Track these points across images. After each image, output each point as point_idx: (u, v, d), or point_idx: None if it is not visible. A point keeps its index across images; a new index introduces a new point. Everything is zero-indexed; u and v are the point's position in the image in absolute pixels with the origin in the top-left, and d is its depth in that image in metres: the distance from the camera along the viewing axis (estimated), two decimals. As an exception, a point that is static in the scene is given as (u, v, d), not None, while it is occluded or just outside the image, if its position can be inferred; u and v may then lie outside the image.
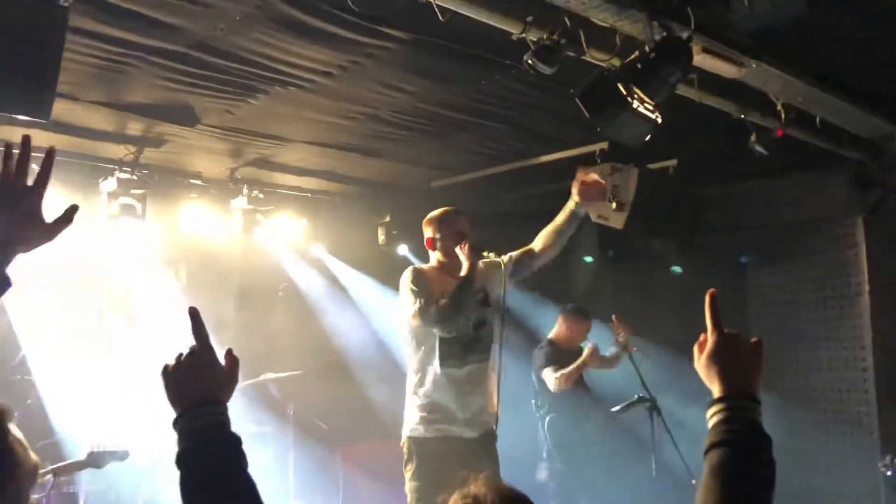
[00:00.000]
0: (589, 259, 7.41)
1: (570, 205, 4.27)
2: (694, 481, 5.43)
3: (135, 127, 5.27)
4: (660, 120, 3.25)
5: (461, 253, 3.89)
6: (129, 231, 5.95)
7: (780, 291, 6.75)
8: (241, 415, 6.02)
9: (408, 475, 3.90)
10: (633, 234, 6.27)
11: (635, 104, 3.13)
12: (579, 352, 5.90)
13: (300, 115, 4.99)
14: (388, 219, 7.47)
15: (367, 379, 7.24)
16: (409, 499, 3.88)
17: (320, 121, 5.09)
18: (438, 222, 4.12)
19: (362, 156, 5.98)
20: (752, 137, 4.48)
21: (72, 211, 1.64)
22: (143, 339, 6.24)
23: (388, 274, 7.84)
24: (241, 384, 5.15)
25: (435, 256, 4.11)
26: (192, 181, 6.54)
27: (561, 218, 4.29)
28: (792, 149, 4.86)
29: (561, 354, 5.90)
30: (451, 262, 3.98)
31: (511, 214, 7.28)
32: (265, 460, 6.09)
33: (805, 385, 6.46)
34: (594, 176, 4.25)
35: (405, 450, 3.94)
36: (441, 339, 3.85)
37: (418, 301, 3.79)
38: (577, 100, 3.21)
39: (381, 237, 7.52)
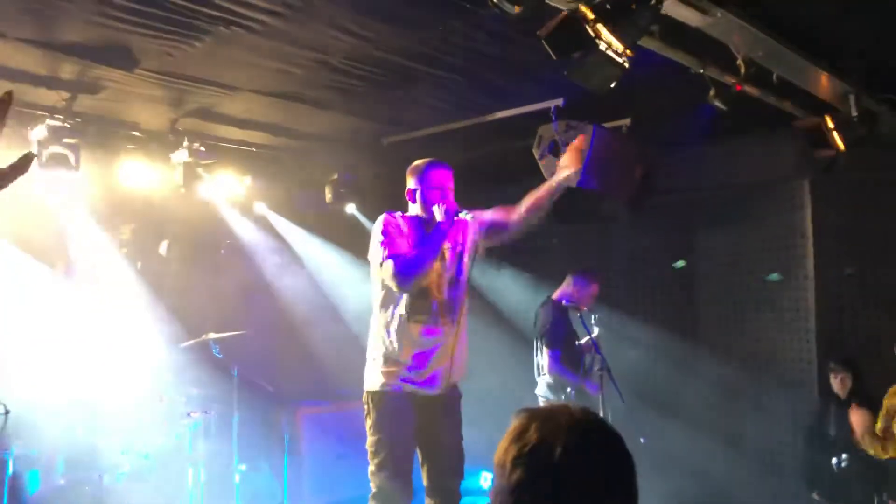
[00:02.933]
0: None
1: (554, 182, 4.15)
2: (643, 440, 5.48)
3: (68, 70, 4.93)
4: (627, 65, 3.15)
5: (438, 211, 3.76)
6: (62, 182, 5.63)
7: (728, 254, 6.81)
8: (183, 376, 5.89)
9: (368, 430, 3.80)
10: (582, 194, 6.25)
11: (602, 46, 3.02)
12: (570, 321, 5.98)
13: (246, 61, 4.74)
14: (335, 176, 7.29)
15: (314, 338, 7.10)
16: (369, 453, 3.78)
17: (267, 67, 4.85)
18: (420, 173, 3.97)
19: (311, 108, 5.75)
20: (711, 92, 4.43)
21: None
22: (80, 295, 5.96)
23: (334, 232, 7.71)
24: (183, 344, 5.03)
25: (414, 208, 3.96)
26: (130, 132, 6.22)
27: (543, 193, 4.16)
28: (743, 111, 4.85)
29: (562, 317, 5.92)
30: (429, 217, 3.85)
31: (465, 174, 7.14)
32: (208, 424, 5.91)
33: (750, 347, 6.56)
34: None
35: (364, 404, 3.84)
36: (412, 295, 3.72)
37: (384, 250, 3.66)
38: (543, 41, 3.08)
39: (329, 195, 7.33)
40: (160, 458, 5.64)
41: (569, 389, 5.84)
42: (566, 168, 4.16)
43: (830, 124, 4.96)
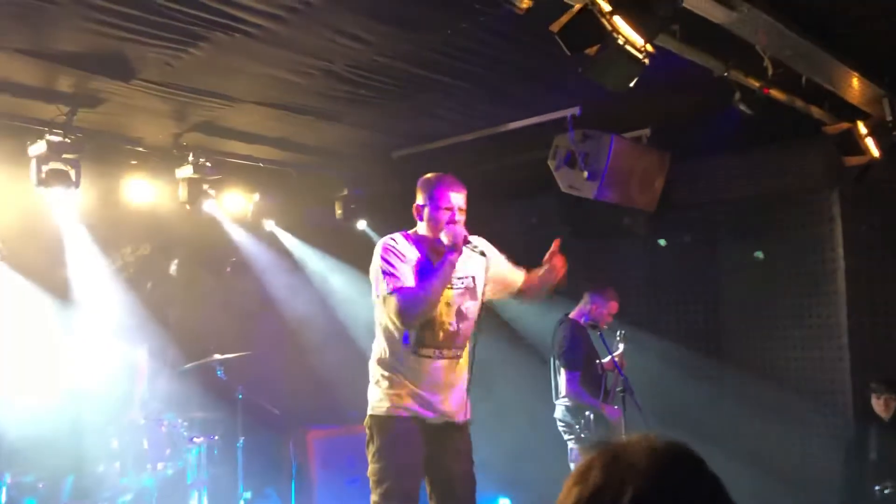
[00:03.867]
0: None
1: (542, 272, 3.86)
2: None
3: (65, 82, 4.78)
4: (647, 62, 2.92)
5: (445, 237, 3.50)
6: (63, 200, 5.46)
7: (754, 268, 6.51)
8: (186, 400, 5.66)
9: (370, 457, 3.54)
10: (601, 208, 6.01)
11: (620, 41, 2.79)
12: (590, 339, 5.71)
13: (247, 69, 4.56)
14: (345, 192, 7.09)
15: (324, 361, 6.86)
16: (371, 482, 3.50)
17: (270, 76, 4.66)
18: (429, 189, 3.68)
19: (318, 120, 5.56)
20: (737, 96, 4.19)
21: None
22: (80, 319, 5.77)
23: (345, 250, 7.49)
24: (186, 366, 4.78)
25: (420, 227, 3.71)
26: (132, 148, 6.06)
27: (538, 283, 3.90)
28: (767, 118, 4.61)
29: (580, 337, 5.66)
30: (435, 238, 3.61)
31: (477, 188, 6.93)
32: (212, 449, 5.68)
33: (779, 363, 6.25)
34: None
35: (367, 429, 3.58)
36: (421, 326, 3.48)
37: (386, 283, 3.41)
38: (556, 36, 2.85)
39: (339, 211, 7.14)
40: (162, 485, 5.41)
41: (587, 413, 5.56)
42: (548, 270, 3.80)
43: (864, 130, 4.68)
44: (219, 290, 6.78)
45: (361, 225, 7.29)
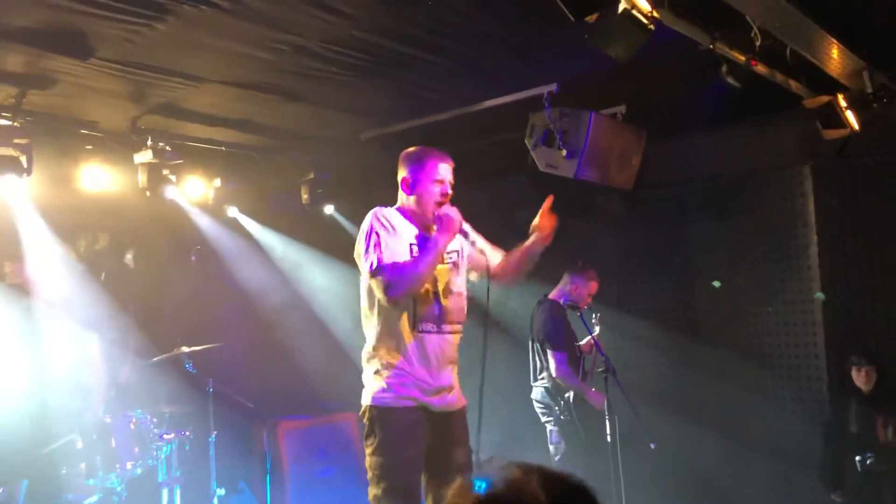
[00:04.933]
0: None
1: (527, 245, 3.79)
2: (653, 445, 5.13)
3: (15, 61, 4.46)
4: (653, 28, 2.80)
5: (443, 222, 3.41)
6: (14, 187, 5.15)
7: (727, 245, 6.49)
8: (153, 395, 5.41)
9: (369, 450, 3.36)
10: (575, 187, 5.91)
11: (624, 5, 2.66)
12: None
13: (214, 46, 4.31)
14: (311, 176, 6.87)
15: (295, 349, 6.66)
16: (370, 476, 3.34)
17: (238, 53, 4.41)
18: (418, 162, 3.58)
19: (283, 100, 5.32)
20: (724, 68, 4.10)
21: None
22: (34, 312, 5.46)
23: (313, 236, 7.28)
24: (153, 360, 4.54)
25: (405, 201, 3.59)
26: (88, 132, 5.75)
27: (519, 257, 3.83)
28: (739, 97, 4.56)
29: (561, 317, 5.63)
30: (424, 214, 3.50)
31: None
32: (182, 445, 5.46)
33: (753, 340, 6.26)
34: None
35: (366, 420, 3.40)
36: (416, 301, 3.35)
37: (373, 256, 3.26)
38: (560, 1, 2.71)
39: (305, 196, 6.92)
40: (132, 485, 5.17)
41: (567, 395, 5.49)
42: (539, 231, 3.76)
43: (843, 103, 4.65)
44: (184, 280, 6.51)
45: (329, 210, 7.08)
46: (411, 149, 3.66)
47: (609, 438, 5.22)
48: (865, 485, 4.96)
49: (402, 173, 3.60)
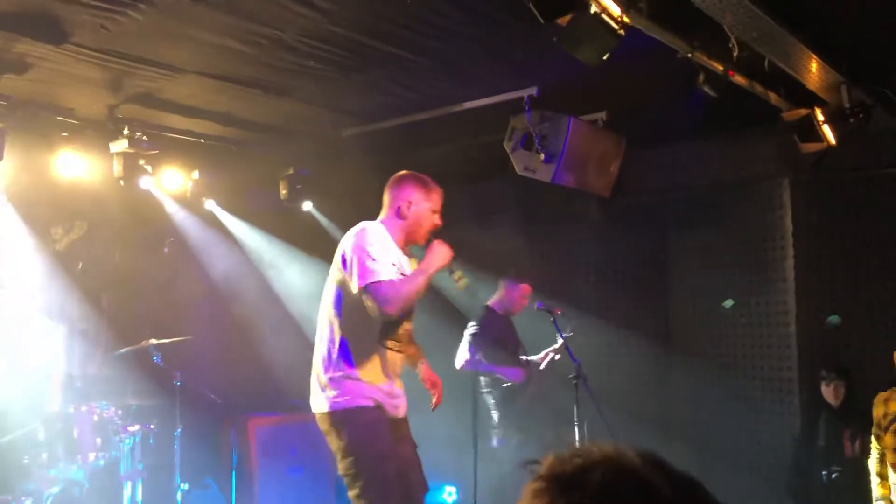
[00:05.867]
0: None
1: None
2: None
3: (-12, 44, 4.41)
4: (623, 33, 2.79)
5: (437, 252, 3.49)
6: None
7: (704, 255, 6.50)
8: (121, 386, 5.35)
9: (340, 454, 3.37)
10: (551, 192, 5.90)
11: (594, 9, 2.65)
12: (510, 322, 5.99)
13: (192, 36, 4.27)
14: (290, 171, 6.82)
15: (266, 347, 6.61)
16: (347, 480, 3.34)
17: (216, 44, 4.37)
18: (424, 190, 3.67)
19: (263, 94, 5.28)
20: (701, 77, 4.10)
21: None
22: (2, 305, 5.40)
23: (290, 232, 7.23)
24: (120, 351, 4.49)
25: (395, 221, 3.62)
26: (64, 119, 5.68)
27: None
28: (720, 107, 4.57)
29: (494, 323, 5.89)
30: (411, 238, 3.62)
31: (431, 172, 6.74)
32: (147, 438, 5.40)
33: (727, 350, 6.27)
34: None
35: (328, 426, 3.40)
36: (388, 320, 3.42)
37: (371, 271, 3.31)
38: (528, 3, 2.69)
39: (283, 192, 6.86)
40: (93, 476, 5.10)
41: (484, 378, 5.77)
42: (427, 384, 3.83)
43: (821, 117, 4.67)
44: (156, 272, 6.44)
45: (307, 206, 7.04)
46: (413, 173, 3.72)
47: (577, 445, 5.21)
48: (831, 499, 4.97)
49: (406, 195, 3.62)
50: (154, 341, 5.37)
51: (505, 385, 5.72)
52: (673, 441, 6.03)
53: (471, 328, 5.84)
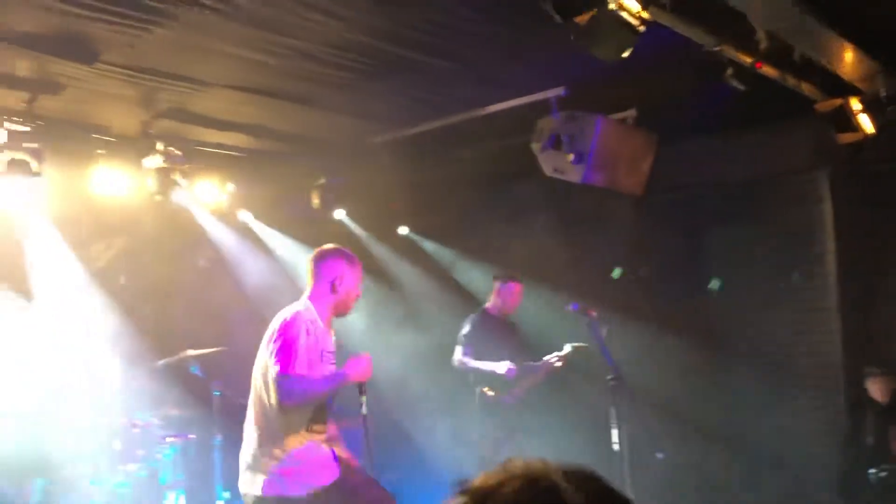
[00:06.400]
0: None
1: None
2: (660, 455, 5.05)
3: (23, 66, 4.52)
4: (643, 29, 2.74)
5: (356, 367, 3.61)
6: (25, 191, 5.19)
7: (740, 252, 6.37)
8: (161, 398, 5.42)
9: None
10: (583, 192, 5.83)
11: (612, 6, 2.61)
12: (508, 324, 6.02)
13: (216, 50, 4.32)
14: (322, 181, 6.86)
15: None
16: None
17: (240, 57, 4.42)
18: (351, 265, 3.84)
19: (291, 104, 5.32)
20: (729, 71, 4.02)
21: None
22: (44, 317, 5.51)
23: (324, 241, 7.26)
24: (159, 363, 4.55)
25: (327, 297, 3.77)
26: (99, 136, 5.79)
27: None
28: (754, 99, 4.48)
29: (486, 324, 5.94)
30: (340, 311, 3.83)
31: (459, 176, 6.75)
32: (187, 448, 5.46)
33: (769, 349, 6.13)
34: None
35: None
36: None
37: (286, 362, 3.47)
38: (545, 2, 2.66)
39: (316, 201, 6.91)
40: (136, 487, 5.18)
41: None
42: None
43: (858, 105, 4.54)
44: (193, 284, 6.53)
45: (339, 215, 7.07)
46: (339, 248, 3.89)
47: (616, 447, 5.14)
48: (879, 499, 4.82)
49: (336, 271, 3.76)
50: (192, 352, 5.44)
51: (490, 393, 5.76)
52: (713, 440, 5.92)
53: (462, 329, 5.92)
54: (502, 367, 5.58)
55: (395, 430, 6.69)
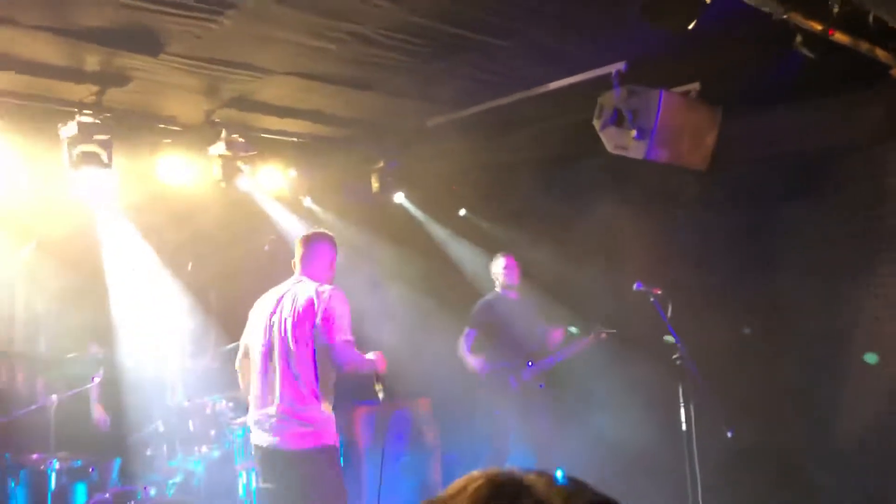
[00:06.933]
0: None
1: None
2: (730, 433, 4.96)
3: (92, 60, 4.65)
4: (709, 0, 2.67)
5: (380, 360, 4.31)
6: (96, 182, 5.36)
7: (811, 228, 6.16)
8: (230, 380, 5.55)
9: (331, 484, 4.11)
10: (645, 169, 5.73)
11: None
12: (519, 302, 6.36)
13: (277, 37, 4.38)
14: (381, 164, 6.91)
15: (367, 336, 6.72)
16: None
17: (300, 44, 4.47)
18: (336, 249, 4.43)
19: (350, 89, 5.36)
20: (798, 39, 3.89)
21: None
22: (117, 303, 5.70)
23: (384, 225, 7.35)
24: (228, 347, 4.69)
25: (325, 275, 4.31)
26: (165, 126, 5.95)
27: None
28: (822, 70, 4.32)
29: (487, 308, 6.36)
30: None
31: (518, 156, 6.71)
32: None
33: (842, 330, 5.92)
34: None
35: (327, 458, 4.12)
36: None
37: (348, 333, 4.08)
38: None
39: (375, 185, 6.96)
40: (210, 467, 5.34)
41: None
42: None
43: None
44: (257, 269, 6.66)
45: (399, 198, 7.12)
46: (329, 234, 4.44)
47: (684, 427, 5.08)
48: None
49: (332, 252, 4.38)
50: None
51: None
52: (785, 419, 5.79)
53: (472, 311, 6.36)
54: (475, 364, 6.14)
55: (461, 408, 6.75)
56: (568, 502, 0.86)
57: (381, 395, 4.19)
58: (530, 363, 6.19)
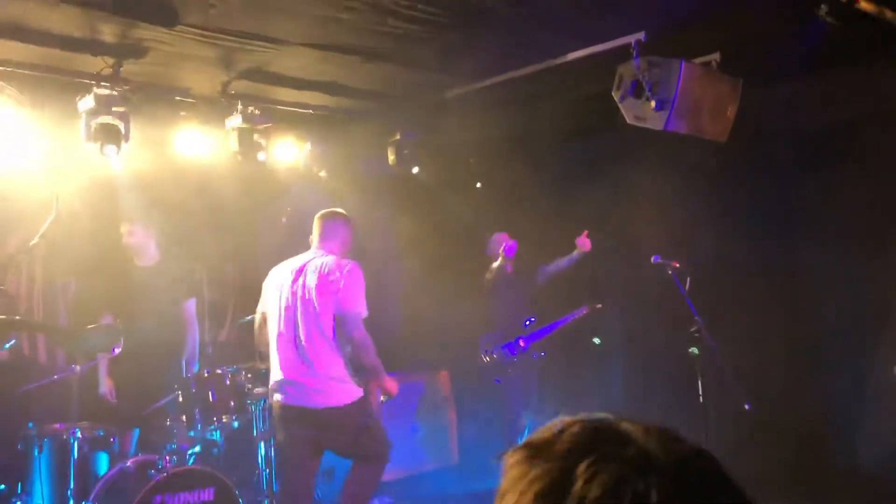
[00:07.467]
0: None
1: None
2: (748, 406, 4.96)
3: (108, 31, 4.64)
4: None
5: (393, 385, 4.69)
6: (114, 154, 5.36)
7: (835, 202, 6.07)
8: (249, 352, 5.60)
9: (370, 435, 4.50)
10: (664, 141, 5.66)
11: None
12: (515, 276, 6.48)
13: (292, 8, 4.35)
14: (397, 137, 6.88)
15: (385, 306, 6.74)
16: (379, 450, 4.62)
17: (315, 15, 4.44)
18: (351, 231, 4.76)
19: (368, 60, 5.32)
20: (823, 8, 3.81)
21: None
22: (137, 275, 5.73)
23: (401, 197, 7.35)
24: (246, 318, 4.74)
25: (341, 251, 4.63)
26: (181, 98, 5.94)
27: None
28: (846, 39, 4.23)
29: (495, 279, 6.43)
30: None
31: (537, 128, 6.65)
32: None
33: (866, 298, 5.86)
34: None
35: (356, 414, 4.44)
36: None
37: (364, 308, 4.44)
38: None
39: (392, 157, 6.94)
40: (230, 438, 5.40)
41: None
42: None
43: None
44: (274, 242, 6.69)
45: (415, 170, 7.09)
46: (343, 212, 4.77)
47: (701, 399, 5.09)
48: None
49: (349, 233, 4.71)
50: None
51: (486, 359, 6.31)
52: (804, 393, 5.77)
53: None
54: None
55: (477, 379, 6.77)
56: (668, 451, 0.83)
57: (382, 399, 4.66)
58: (521, 342, 6.24)
